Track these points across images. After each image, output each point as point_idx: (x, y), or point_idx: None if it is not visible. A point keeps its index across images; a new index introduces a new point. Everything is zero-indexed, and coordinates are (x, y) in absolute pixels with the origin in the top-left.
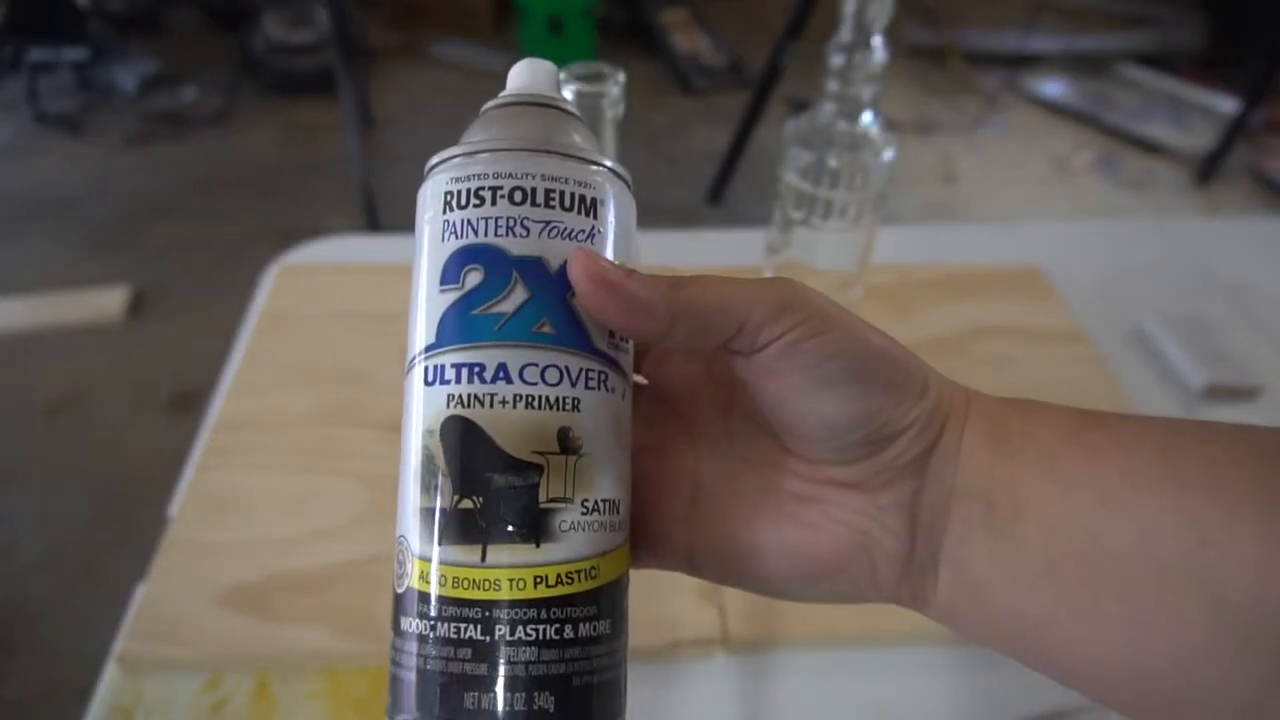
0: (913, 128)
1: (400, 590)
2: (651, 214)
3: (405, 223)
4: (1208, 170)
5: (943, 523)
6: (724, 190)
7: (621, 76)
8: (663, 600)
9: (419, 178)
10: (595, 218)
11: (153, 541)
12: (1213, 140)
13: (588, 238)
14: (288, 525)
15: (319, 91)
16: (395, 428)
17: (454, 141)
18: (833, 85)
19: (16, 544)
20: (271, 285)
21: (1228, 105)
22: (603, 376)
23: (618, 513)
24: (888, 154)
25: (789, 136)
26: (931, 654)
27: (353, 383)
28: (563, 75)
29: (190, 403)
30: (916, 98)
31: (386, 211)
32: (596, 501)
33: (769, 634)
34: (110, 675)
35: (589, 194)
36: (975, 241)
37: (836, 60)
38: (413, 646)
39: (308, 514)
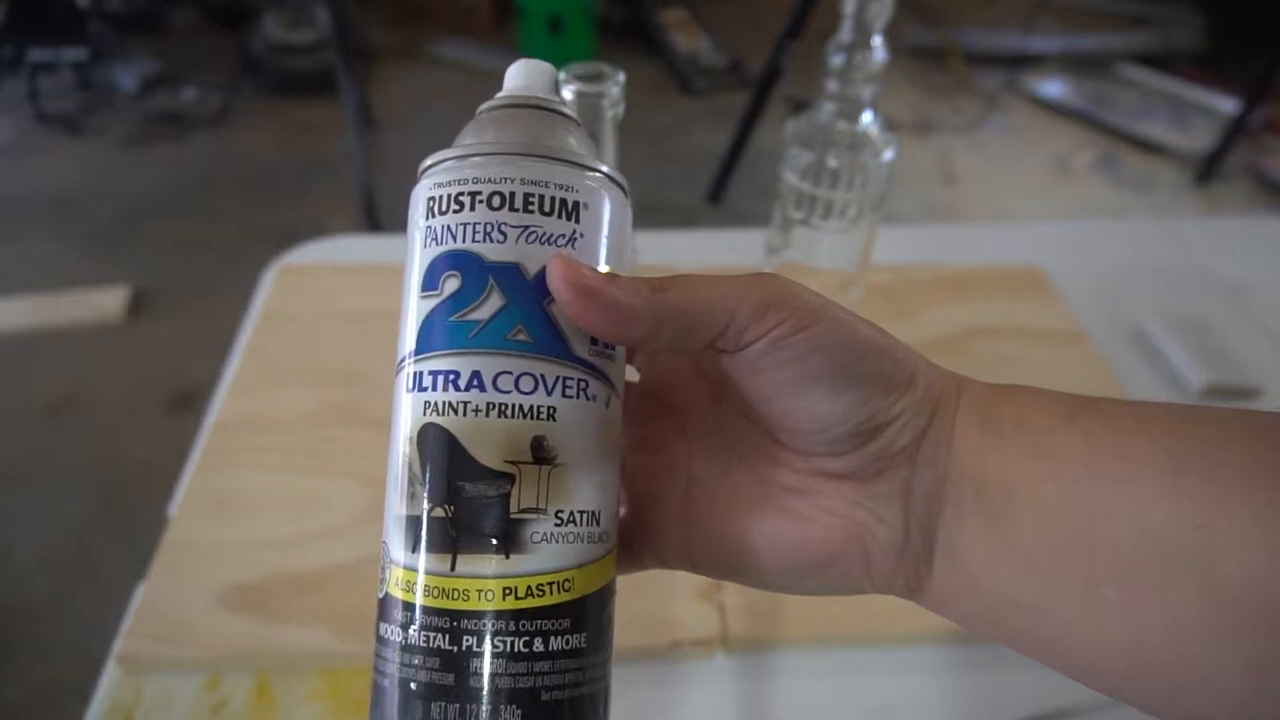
0: (913, 128)
1: (381, 596)
2: (651, 214)
3: (405, 223)
4: (1208, 170)
5: (937, 509)
6: (724, 190)
7: (621, 76)
8: (663, 600)
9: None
10: (578, 221)
11: (153, 541)
12: (1213, 140)
13: (568, 242)
14: (287, 525)
15: (319, 91)
16: None
17: (451, 142)
18: (833, 85)
19: (16, 544)
20: (271, 285)
21: (1228, 105)
22: (582, 384)
23: (597, 524)
24: (888, 154)
25: (789, 136)
26: (932, 654)
27: (352, 383)
28: (563, 75)
29: (190, 403)
30: (916, 98)
31: (386, 212)
32: (572, 513)
33: (769, 634)
34: (110, 675)
35: (571, 197)
36: (975, 241)
37: (836, 60)
38: (389, 653)
39: (307, 514)
